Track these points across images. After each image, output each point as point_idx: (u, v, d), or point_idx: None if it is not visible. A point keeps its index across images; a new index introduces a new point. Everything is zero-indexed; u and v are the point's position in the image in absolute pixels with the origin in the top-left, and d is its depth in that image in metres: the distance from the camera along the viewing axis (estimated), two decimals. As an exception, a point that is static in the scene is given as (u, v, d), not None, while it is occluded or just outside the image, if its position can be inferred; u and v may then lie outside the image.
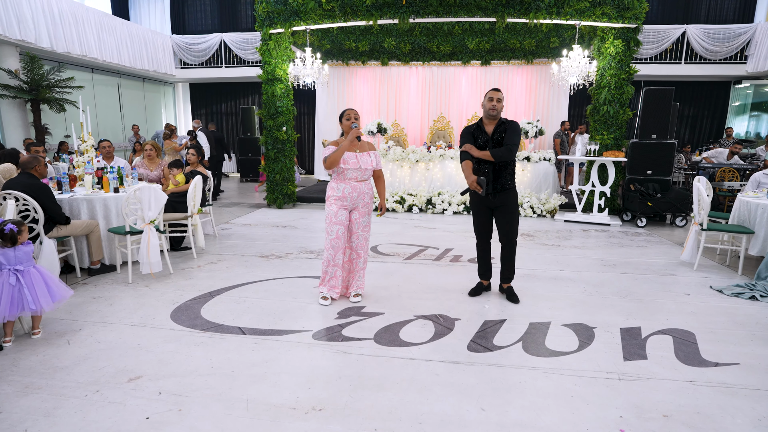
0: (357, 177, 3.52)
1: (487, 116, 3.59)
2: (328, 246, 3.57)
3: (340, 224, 3.53)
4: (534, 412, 2.28)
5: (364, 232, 3.67)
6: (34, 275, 2.98)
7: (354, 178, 3.52)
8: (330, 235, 3.54)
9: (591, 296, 3.96)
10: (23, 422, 2.16)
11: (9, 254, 2.91)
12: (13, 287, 2.88)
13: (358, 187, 3.53)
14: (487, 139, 3.59)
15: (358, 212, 3.61)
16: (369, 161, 3.55)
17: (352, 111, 3.54)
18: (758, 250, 4.63)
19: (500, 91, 3.60)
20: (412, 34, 9.09)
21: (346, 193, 3.51)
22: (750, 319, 3.50)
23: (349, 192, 3.52)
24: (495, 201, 3.65)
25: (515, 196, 3.70)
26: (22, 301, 2.89)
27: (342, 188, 3.52)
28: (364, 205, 3.62)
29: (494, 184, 3.60)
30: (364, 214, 3.62)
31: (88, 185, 4.73)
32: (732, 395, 2.45)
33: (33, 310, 2.93)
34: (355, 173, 3.51)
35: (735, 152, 8.82)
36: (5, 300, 2.84)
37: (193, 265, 4.75)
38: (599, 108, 7.52)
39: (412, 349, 2.95)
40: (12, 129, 9.16)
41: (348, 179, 3.52)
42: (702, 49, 11.85)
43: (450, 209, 7.93)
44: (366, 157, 3.54)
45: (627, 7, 6.92)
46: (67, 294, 3.13)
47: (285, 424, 2.18)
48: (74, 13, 9.90)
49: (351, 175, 3.50)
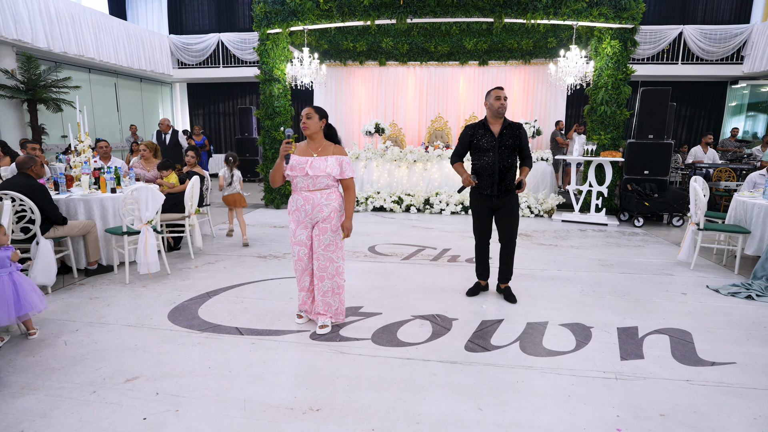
0: (308, 186, 2.99)
1: (496, 115, 3.58)
2: (293, 266, 3.21)
3: (300, 244, 3.10)
4: (531, 412, 2.29)
5: (325, 251, 3.06)
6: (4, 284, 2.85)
7: (304, 188, 3.00)
8: (293, 256, 3.16)
9: (588, 296, 3.97)
10: (19, 423, 2.15)
11: None
12: None
13: (310, 197, 2.99)
14: (493, 140, 3.57)
15: (318, 228, 3.05)
16: (323, 166, 2.95)
17: (305, 110, 3.01)
18: (754, 249, 4.65)
19: (503, 88, 3.61)
20: (410, 35, 9.10)
21: (298, 206, 3.03)
22: (746, 318, 3.52)
23: (301, 204, 3.02)
24: (498, 202, 3.65)
25: (517, 197, 3.72)
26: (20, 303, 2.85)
27: (294, 200, 3.05)
28: (325, 220, 3.03)
29: (499, 186, 3.59)
30: (324, 231, 3.04)
31: (85, 185, 4.71)
32: (728, 394, 2.46)
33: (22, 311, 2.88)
34: (304, 181, 2.98)
35: (708, 143, 8.90)
36: None
37: (190, 266, 4.75)
38: (596, 108, 7.53)
39: (409, 349, 2.95)
40: (8, 129, 9.12)
41: (299, 189, 3.02)
42: (699, 49, 11.89)
43: (448, 209, 7.93)
44: (320, 161, 2.96)
45: (624, 8, 6.94)
46: (40, 306, 3.00)
47: (282, 424, 2.18)
48: (71, 13, 9.87)
49: (301, 184, 3.00)
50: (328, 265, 3.10)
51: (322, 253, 3.07)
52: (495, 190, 3.60)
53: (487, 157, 3.58)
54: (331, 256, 3.09)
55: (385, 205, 8.11)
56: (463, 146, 3.72)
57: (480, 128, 3.63)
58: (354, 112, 11.93)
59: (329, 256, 3.09)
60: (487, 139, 3.58)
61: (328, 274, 3.12)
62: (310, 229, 3.09)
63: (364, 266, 4.76)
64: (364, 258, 5.07)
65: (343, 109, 11.89)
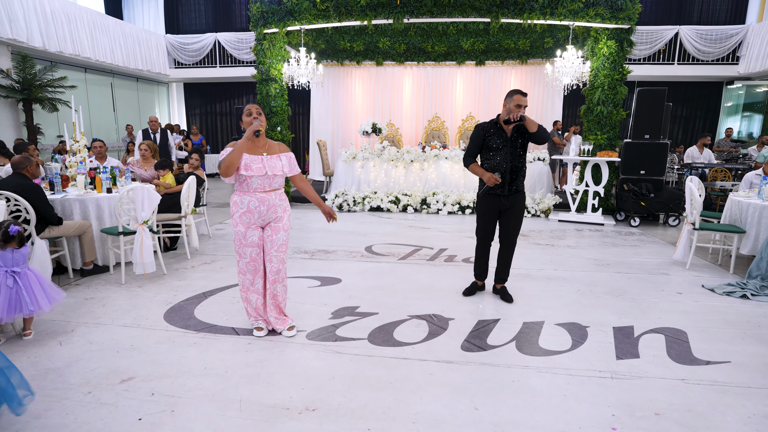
0: (264, 186, 2.88)
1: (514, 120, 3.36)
2: (242, 270, 3.02)
3: (252, 246, 2.94)
4: (527, 411, 2.29)
5: (278, 252, 2.98)
6: (30, 277, 2.96)
7: (260, 188, 2.87)
8: (243, 257, 2.97)
9: (584, 296, 3.98)
10: (14, 424, 2.14)
11: (6, 256, 2.88)
12: (10, 289, 2.85)
13: (266, 199, 2.89)
14: (505, 140, 3.52)
15: (271, 228, 2.97)
16: (279, 166, 2.90)
17: (254, 106, 2.92)
18: (749, 249, 4.67)
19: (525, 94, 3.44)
20: (407, 35, 9.11)
21: (252, 207, 2.88)
22: (741, 317, 3.53)
23: (255, 206, 2.87)
24: (507, 203, 3.62)
25: (524, 198, 3.69)
26: (20, 302, 2.87)
27: (246, 202, 2.87)
28: (277, 220, 2.98)
29: (509, 186, 3.57)
30: (277, 230, 2.97)
31: (81, 185, 4.69)
32: (723, 393, 2.47)
33: (31, 312, 2.91)
34: (261, 181, 2.86)
35: (705, 144, 8.93)
36: (2, 302, 2.80)
37: (186, 266, 4.73)
38: (593, 108, 7.55)
39: (405, 349, 2.95)
40: (4, 129, 9.08)
41: (252, 189, 2.87)
42: (694, 50, 11.95)
43: (445, 209, 7.94)
44: (275, 161, 2.90)
45: (620, 8, 6.96)
46: (61, 296, 3.10)
47: (278, 424, 2.17)
48: (67, 12, 9.83)
49: (256, 184, 2.86)
50: (281, 267, 3.01)
51: (275, 254, 2.97)
52: (506, 190, 3.57)
53: (498, 157, 3.53)
54: (283, 257, 3.02)
55: (382, 205, 8.11)
56: (476, 146, 3.64)
57: (492, 127, 3.59)
58: (351, 112, 11.92)
59: (281, 257, 3.01)
60: (499, 138, 3.54)
61: (280, 277, 3.04)
62: (260, 230, 2.98)
63: (360, 266, 4.76)
64: (361, 258, 5.07)
65: (340, 109, 11.89)
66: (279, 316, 3.13)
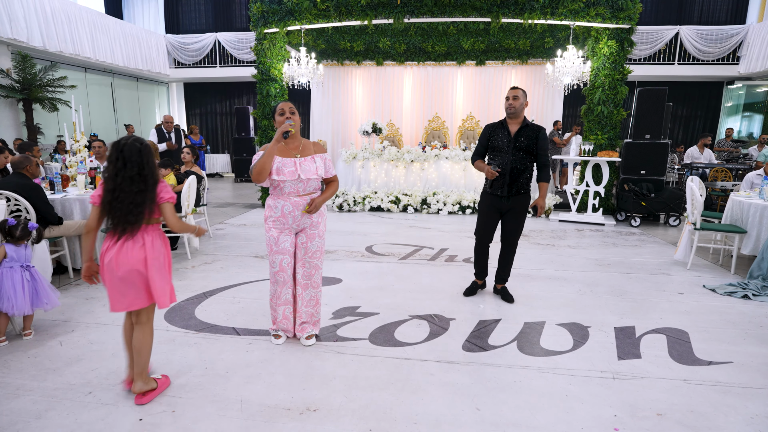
0: (298, 190, 2.74)
1: (507, 115, 3.56)
2: (272, 280, 2.88)
3: (283, 253, 2.80)
4: (529, 412, 2.29)
5: (312, 258, 2.86)
6: (37, 273, 3.04)
7: (294, 192, 2.74)
8: (273, 267, 2.83)
9: (585, 296, 3.97)
10: (14, 424, 2.13)
11: (21, 251, 2.96)
12: (29, 282, 2.94)
13: (301, 203, 2.75)
14: (508, 140, 3.53)
15: (306, 235, 2.84)
16: (313, 168, 2.74)
17: (287, 104, 2.74)
18: (750, 249, 4.67)
19: (518, 89, 3.52)
20: (407, 34, 9.10)
21: (285, 212, 2.74)
22: (743, 317, 3.53)
23: (289, 210, 2.74)
24: (507, 204, 3.62)
25: (527, 200, 3.66)
26: (38, 296, 2.96)
27: (281, 206, 2.74)
28: (313, 226, 2.84)
29: (509, 188, 3.56)
30: (313, 237, 2.84)
31: (81, 185, 4.69)
32: (725, 393, 2.47)
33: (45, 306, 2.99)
34: (295, 186, 2.72)
35: (706, 144, 8.93)
36: (27, 294, 2.90)
37: (187, 266, 4.73)
38: (593, 108, 7.55)
39: (407, 349, 2.94)
40: (4, 129, 9.08)
41: (286, 194, 2.74)
42: (695, 50, 11.94)
43: (445, 209, 7.93)
44: (309, 163, 2.75)
45: (621, 8, 6.95)
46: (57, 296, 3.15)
47: (279, 424, 2.17)
48: (67, 12, 9.83)
49: (289, 189, 2.72)
50: (314, 273, 2.91)
51: (308, 260, 2.87)
52: (505, 191, 3.57)
53: (501, 157, 3.54)
54: (317, 263, 2.91)
55: (382, 205, 8.10)
56: (482, 145, 3.68)
57: (498, 127, 3.60)
58: (351, 112, 11.91)
59: (315, 263, 2.89)
60: (502, 138, 3.55)
61: (313, 283, 2.92)
62: (294, 236, 2.86)
63: (361, 266, 4.75)
64: (361, 258, 5.06)
65: (340, 109, 11.88)
66: (305, 320, 2.98)
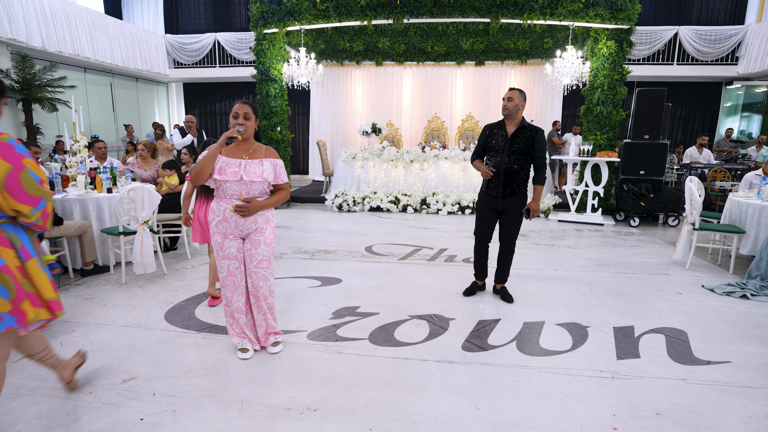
0: (241, 193, 2.60)
1: (503, 116, 3.60)
2: (222, 284, 2.77)
3: (229, 258, 2.67)
4: (528, 411, 2.30)
5: (258, 269, 2.69)
6: None
7: (236, 194, 2.60)
8: (221, 272, 2.72)
9: (584, 296, 3.98)
10: (15, 424, 2.14)
11: None
12: None
13: None
14: (504, 141, 3.56)
15: (250, 241, 2.68)
16: (259, 171, 2.60)
17: (242, 108, 2.60)
18: (749, 249, 4.68)
19: (515, 90, 3.55)
20: (407, 35, 9.11)
21: (226, 216, 2.61)
22: (741, 317, 3.54)
23: (230, 214, 2.61)
24: (503, 204, 3.64)
25: (524, 200, 3.68)
26: None
27: (222, 209, 2.62)
28: (258, 232, 2.68)
29: (503, 188, 3.59)
30: (258, 244, 2.67)
31: (81, 185, 4.69)
32: (723, 393, 2.48)
33: None
34: (237, 187, 2.58)
35: (702, 144, 8.95)
36: None
37: (187, 266, 4.73)
38: (592, 108, 7.56)
39: (406, 349, 2.95)
40: (3, 129, 9.01)
41: (229, 196, 2.61)
42: (694, 50, 11.95)
43: (444, 209, 7.94)
44: (255, 165, 2.60)
45: (620, 9, 6.97)
46: None
47: (280, 424, 2.17)
48: (66, 12, 9.82)
49: (232, 191, 2.59)
50: (262, 285, 2.74)
51: (254, 270, 2.70)
52: (500, 191, 3.59)
53: (497, 158, 3.57)
54: (265, 274, 2.73)
55: (381, 205, 8.11)
56: (481, 145, 3.73)
57: (496, 128, 3.63)
58: (351, 112, 11.93)
59: (262, 273, 2.72)
60: (499, 139, 3.58)
61: (262, 295, 2.76)
62: (240, 241, 2.71)
63: (361, 266, 4.76)
64: (361, 258, 5.07)
65: (339, 109, 11.89)
66: (265, 335, 2.89)
